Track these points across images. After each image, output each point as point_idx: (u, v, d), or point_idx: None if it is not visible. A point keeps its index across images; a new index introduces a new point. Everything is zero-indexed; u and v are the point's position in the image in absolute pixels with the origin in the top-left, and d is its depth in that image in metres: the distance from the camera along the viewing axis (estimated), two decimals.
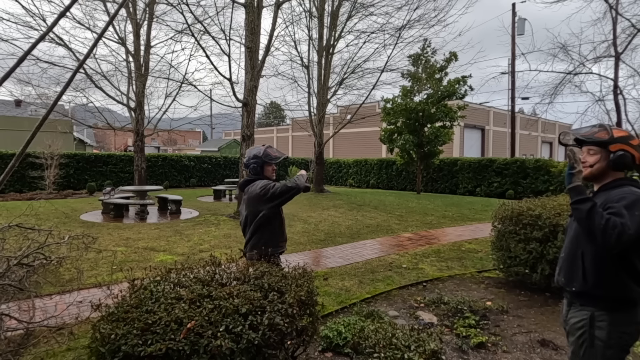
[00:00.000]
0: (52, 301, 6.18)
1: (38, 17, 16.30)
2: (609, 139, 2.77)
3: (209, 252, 9.14)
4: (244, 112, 14.50)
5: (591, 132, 2.86)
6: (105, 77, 18.83)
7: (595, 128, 2.88)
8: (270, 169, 4.66)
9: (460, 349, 4.94)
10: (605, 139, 2.78)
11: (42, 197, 18.41)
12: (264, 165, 4.58)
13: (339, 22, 23.06)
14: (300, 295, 3.32)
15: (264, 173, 4.60)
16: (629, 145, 2.75)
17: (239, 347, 2.72)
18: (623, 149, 2.74)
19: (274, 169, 4.71)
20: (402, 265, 8.59)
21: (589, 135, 2.84)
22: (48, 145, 20.49)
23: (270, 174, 4.66)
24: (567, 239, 3.00)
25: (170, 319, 2.74)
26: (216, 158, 31.74)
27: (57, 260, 5.53)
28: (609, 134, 2.78)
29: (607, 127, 2.83)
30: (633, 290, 2.66)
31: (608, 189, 2.78)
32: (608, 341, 2.68)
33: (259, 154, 4.54)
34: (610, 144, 2.77)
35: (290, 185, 4.31)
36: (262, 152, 4.55)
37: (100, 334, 2.76)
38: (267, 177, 4.60)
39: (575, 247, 2.87)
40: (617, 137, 2.76)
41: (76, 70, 3.32)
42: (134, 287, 3.28)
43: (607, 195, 2.73)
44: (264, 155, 4.55)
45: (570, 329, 2.91)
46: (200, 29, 15.54)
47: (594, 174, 2.85)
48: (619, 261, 2.65)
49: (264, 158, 4.54)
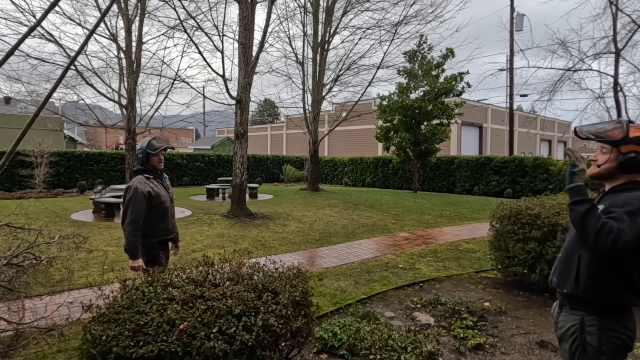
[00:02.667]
0: (42, 302, 6.17)
1: (28, 13, 16.23)
2: (621, 138, 2.59)
3: (201, 252, 9.14)
4: (237, 110, 14.48)
5: (605, 130, 2.68)
6: (96, 74, 18.74)
7: (610, 124, 2.70)
8: (156, 159, 4.91)
9: (457, 350, 4.96)
10: (617, 138, 2.60)
11: (32, 196, 18.34)
12: (149, 156, 4.85)
13: (334, 18, 23.00)
14: (295, 295, 3.32)
15: (150, 163, 4.90)
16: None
17: (233, 348, 2.73)
18: (636, 151, 2.56)
19: (160, 159, 4.95)
20: (398, 266, 8.61)
21: (602, 133, 2.67)
22: (38, 143, 20.42)
23: (157, 164, 4.94)
24: (567, 240, 2.93)
25: (163, 320, 2.74)
26: (209, 156, 31.66)
27: (47, 260, 5.53)
28: (624, 133, 2.59)
29: (624, 125, 2.63)
30: (625, 298, 2.60)
31: (617, 192, 2.65)
32: (599, 347, 2.62)
33: (143, 145, 4.84)
34: (621, 145, 2.59)
35: (126, 210, 4.64)
36: (146, 144, 4.84)
37: (91, 336, 2.76)
38: (153, 167, 4.92)
39: (573, 249, 2.79)
40: (632, 138, 2.57)
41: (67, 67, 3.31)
42: (125, 287, 3.27)
43: (614, 198, 2.61)
44: (148, 146, 4.82)
45: (562, 336, 2.85)
46: (193, 24, 15.47)
47: (602, 174, 2.72)
48: (613, 267, 2.57)
49: (147, 149, 4.81)
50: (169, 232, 5.05)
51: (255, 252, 9.32)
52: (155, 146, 4.83)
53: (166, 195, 4.99)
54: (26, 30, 3.15)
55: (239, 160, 14.33)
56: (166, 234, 5.01)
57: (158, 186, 4.89)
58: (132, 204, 4.58)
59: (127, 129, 19.80)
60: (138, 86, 20.07)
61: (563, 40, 16.44)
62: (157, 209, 4.80)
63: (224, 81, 14.04)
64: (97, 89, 18.60)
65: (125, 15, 18.84)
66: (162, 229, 4.91)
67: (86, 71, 18.33)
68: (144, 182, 4.73)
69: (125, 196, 4.67)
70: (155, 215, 4.79)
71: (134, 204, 4.58)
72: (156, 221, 4.81)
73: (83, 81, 18.00)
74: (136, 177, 4.81)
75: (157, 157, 4.89)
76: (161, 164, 4.98)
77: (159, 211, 4.83)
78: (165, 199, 4.94)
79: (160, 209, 4.84)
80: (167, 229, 5.01)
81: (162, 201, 4.85)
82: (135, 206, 4.58)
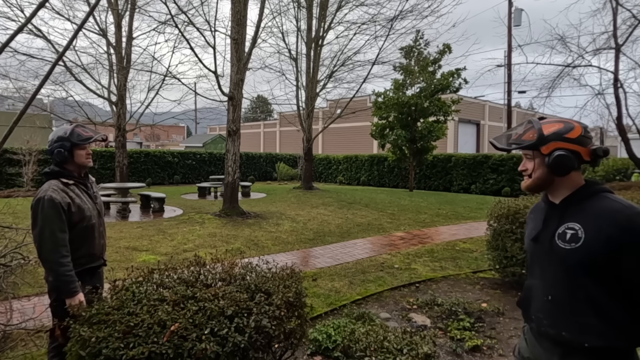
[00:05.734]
0: (31, 303, 6.16)
1: (16, 8, 16.17)
2: (537, 139, 2.23)
3: (193, 251, 9.12)
4: (229, 107, 14.46)
5: (518, 135, 2.34)
6: (85, 70, 18.72)
7: (522, 127, 2.36)
8: (84, 153, 3.64)
9: (454, 352, 4.97)
10: (532, 140, 2.25)
11: (20, 195, 18.25)
12: (73, 150, 3.56)
13: (328, 13, 22.97)
14: (288, 296, 3.32)
15: (74, 160, 3.61)
16: (567, 140, 2.19)
17: (225, 350, 2.73)
18: (560, 148, 2.19)
19: (88, 154, 3.69)
20: (394, 266, 8.62)
21: (517, 139, 2.33)
22: (26, 140, 20.33)
23: (84, 160, 3.66)
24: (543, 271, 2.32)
25: (153, 322, 2.74)
26: (201, 154, 31.67)
27: (35, 260, 5.51)
28: (537, 133, 2.24)
29: (534, 124, 2.29)
30: None
31: (580, 200, 2.20)
32: None
33: (65, 135, 3.53)
34: (540, 146, 2.23)
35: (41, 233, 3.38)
36: (70, 132, 3.55)
37: (80, 337, 2.75)
38: (79, 165, 3.66)
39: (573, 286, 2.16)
40: (547, 135, 2.21)
41: (55, 62, 3.31)
42: (115, 288, 3.26)
43: (584, 211, 2.15)
44: (73, 135, 3.55)
45: None
46: (184, 19, 15.45)
47: (538, 184, 2.32)
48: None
49: (72, 139, 3.54)
50: (94, 258, 3.78)
51: (248, 251, 9.33)
52: (84, 135, 3.60)
53: (92, 207, 3.70)
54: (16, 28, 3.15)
55: (231, 158, 14.31)
56: (90, 261, 3.72)
57: (81, 196, 3.63)
58: (49, 223, 3.35)
59: (117, 126, 19.80)
60: (128, 82, 20.10)
61: (562, 36, 16.46)
62: (79, 228, 3.56)
63: (215, 77, 14.03)
64: (87, 85, 18.64)
65: (115, 10, 18.84)
66: (84, 254, 3.63)
67: (75, 67, 18.34)
68: (60, 190, 3.46)
69: (34, 214, 3.42)
70: (76, 237, 3.53)
71: (51, 222, 3.35)
72: (76, 245, 3.53)
73: (72, 77, 18.01)
74: (49, 182, 3.52)
75: (84, 150, 3.62)
76: (89, 161, 3.70)
77: (81, 232, 3.58)
78: (91, 214, 3.66)
79: (82, 228, 3.58)
80: (93, 254, 3.74)
81: (84, 217, 3.58)
82: (54, 225, 3.35)
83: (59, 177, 3.55)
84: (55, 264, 3.33)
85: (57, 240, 3.35)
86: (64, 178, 3.56)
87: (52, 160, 3.59)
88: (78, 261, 3.52)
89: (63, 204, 3.41)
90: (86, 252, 3.65)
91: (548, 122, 2.27)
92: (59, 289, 3.37)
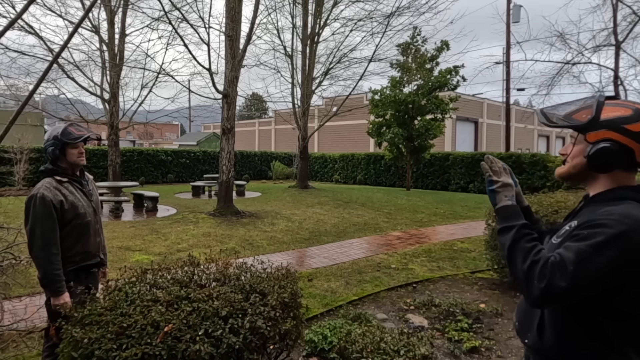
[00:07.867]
0: (22, 303, 6.15)
1: (7, 4, 16.12)
2: (587, 121, 1.79)
3: (187, 251, 9.11)
4: (224, 104, 14.45)
5: (570, 111, 1.88)
6: (77, 67, 18.68)
7: (578, 103, 1.89)
8: (76, 152, 3.76)
9: (452, 353, 4.98)
10: (582, 122, 1.82)
11: (11, 194, 18.17)
12: (65, 148, 3.70)
13: (324, 9, 22.93)
14: (284, 297, 3.33)
15: (66, 158, 3.74)
16: (623, 132, 1.72)
17: (219, 351, 2.73)
18: (609, 139, 1.73)
19: (80, 152, 3.80)
20: (391, 266, 8.63)
21: (566, 117, 1.88)
22: (17, 139, 20.25)
23: (76, 159, 3.79)
24: None
25: (147, 322, 2.73)
26: (195, 152, 31.69)
27: (27, 260, 5.49)
28: (592, 114, 1.79)
29: (596, 103, 1.81)
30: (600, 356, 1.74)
31: (600, 202, 1.82)
32: None
33: (57, 134, 3.67)
34: (589, 131, 1.80)
35: (32, 231, 3.53)
36: (61, 131, 3.68)
37: (72, 338, 2.75)
38: (72, 163, 3.79)
39: None
40: (602, 120, 1.76)
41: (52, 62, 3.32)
42: (108, 288, 3.26)
43: (593, 212, 1.78)
44: (64, 134, 3.68)
45: None
46: (178, 16, 15.46)
47: (572, 173, 1.93)
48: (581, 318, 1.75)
49: (63, 138, 3.66)
50: (90, 256, 3.88)
51: (243, 251, 9.31)
52: (75, 134, 3.72)
53: (87, 205, 3.84)
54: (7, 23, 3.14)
55: (226, 156, 14.30)
56: (86, 259, 3.83)
57: (75, 193, 3.76)
58: (40, 221, 3.49)
59: (109, 124, 19.78)
60: (121, 80, 20.08)
61: (561, 33, 16.53)
62: (73, 225, 3.68)
63: (210, 74, 14.03)
64: (79, 82, 18.60)
65: (107, 6, 18.83)
66: (79, 252, 3.75)
67: (67, 64, 18.28)
68: (53, 188, 3.60)
69: (27, 211, 3.56)
70: (70, 235, 3.67)
71: (42, 220, 3.49)
72: (71, 242, 3.68)
73: (64, 75, 17.96)
74: (43, 180, 3.68)
75: (76, 149, 3.75)
76: (82, 159, 3.84)
77: (75, 229, 3.70)
78: (86, 211, 3.79)
79: (76, 225, 3.71)
80: (88, 251, 3.85)
81: (79, 214, 3.71)
82: (44, 223, 3.49)
83: (53, 174, 3.70)
84: (43, 261, 3.49)
85: (47, 238, 3.49)
86: (58, 176, 3.70)
87: (48, 156, 3.72)
88: (73, 258, 3.70)
89: (55, 201, 3.54)
90: (81, 250, 3.77)
91: (615, 104, 1.80)
92: (46, 287, 3.54)
